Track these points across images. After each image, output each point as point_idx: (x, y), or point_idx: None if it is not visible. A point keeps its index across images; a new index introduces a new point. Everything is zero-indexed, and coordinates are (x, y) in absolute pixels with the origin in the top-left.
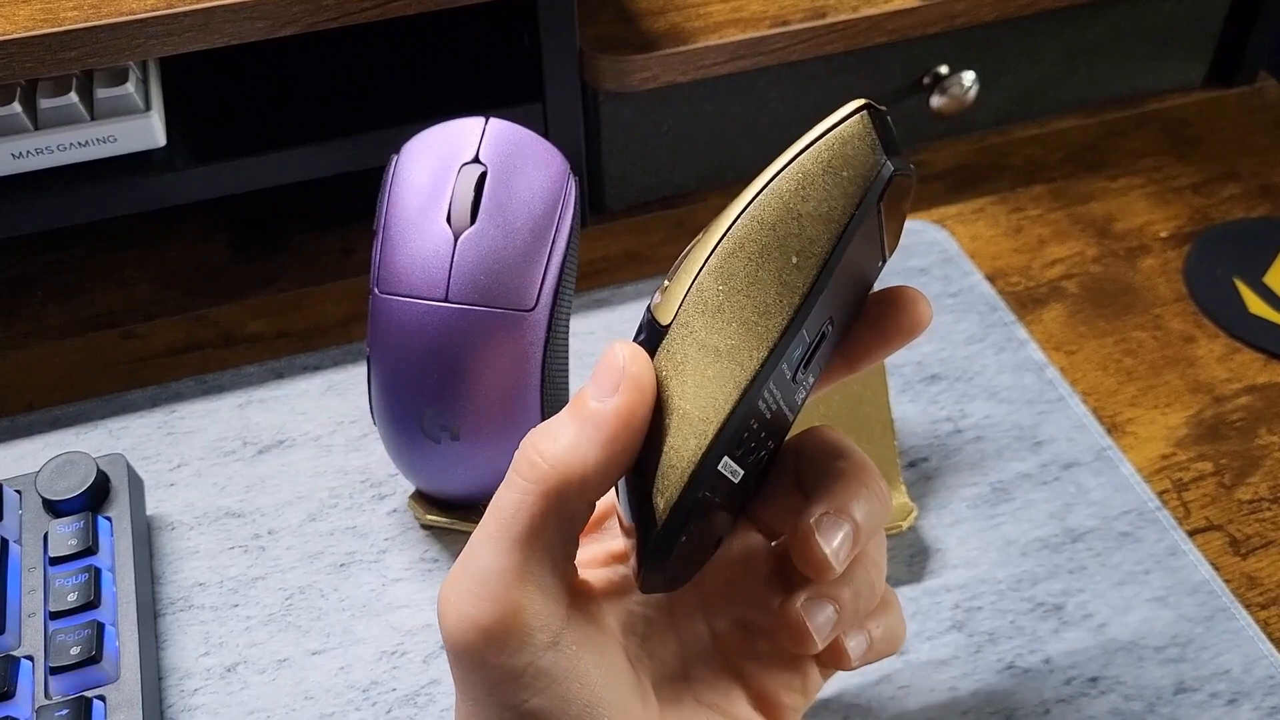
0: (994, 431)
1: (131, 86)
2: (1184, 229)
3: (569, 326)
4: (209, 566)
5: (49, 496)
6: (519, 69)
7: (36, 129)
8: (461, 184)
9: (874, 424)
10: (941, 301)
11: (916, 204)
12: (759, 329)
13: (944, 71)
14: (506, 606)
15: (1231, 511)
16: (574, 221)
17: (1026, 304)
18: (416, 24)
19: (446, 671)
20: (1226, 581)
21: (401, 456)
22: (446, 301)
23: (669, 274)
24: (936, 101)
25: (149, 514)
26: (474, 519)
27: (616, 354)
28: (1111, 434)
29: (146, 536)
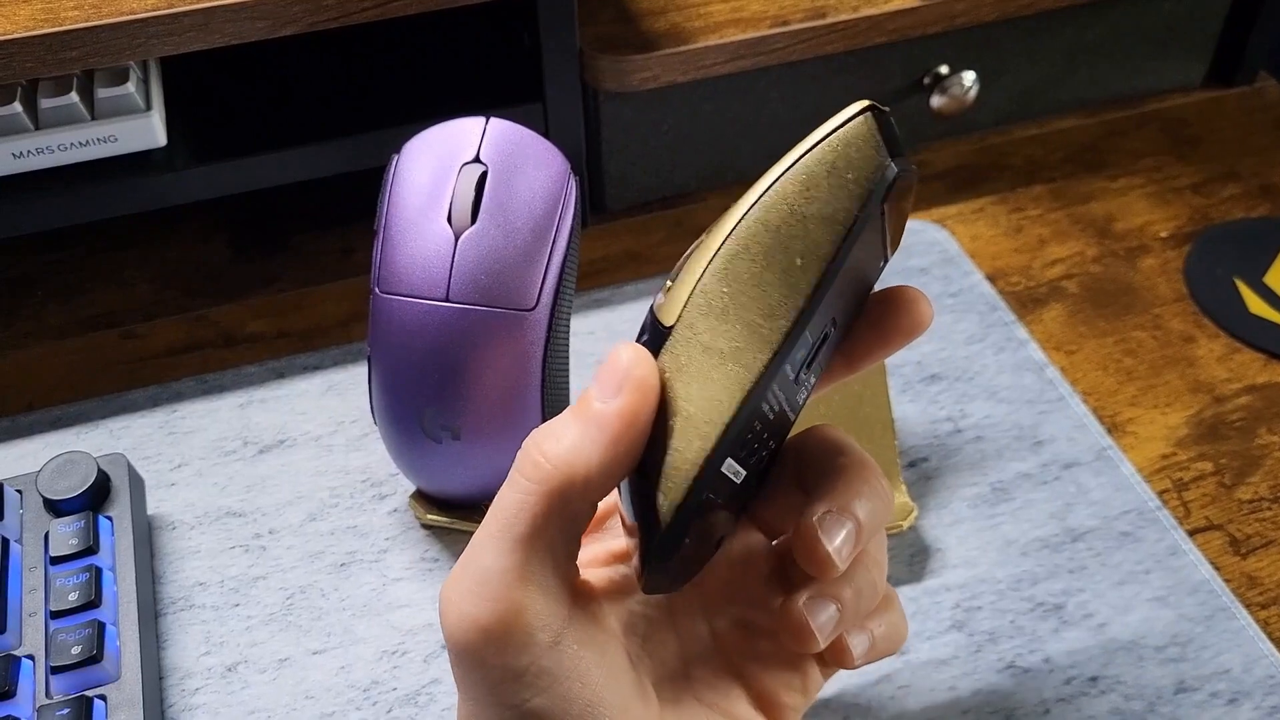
0: (994, 431)
1: (132, 86)
2: (1184, 229)
3: (569, 326)
4: (210, 566)
5: (50, 496)
6: (519, 69)
7: (37, 129)
8: (462, 184)
9: (874, 424)
10: (942, 301)
11: (917, 204)
12: (763, 331)
13: (944, 71)
14: (508, 606)
15: (1231, 511)
16: (574, 221)
17: (1026, 304)
18: (417, 24)
19: (447, 671)
20: (1227, 581)
21: (402, 456)
22: (447, 301)
23: (671, 275)
24: (937, 101)
25: (150, 514)
26: (475, 519)
27: (620, 355)
28: (1112, 434)
29: (147, 536)
